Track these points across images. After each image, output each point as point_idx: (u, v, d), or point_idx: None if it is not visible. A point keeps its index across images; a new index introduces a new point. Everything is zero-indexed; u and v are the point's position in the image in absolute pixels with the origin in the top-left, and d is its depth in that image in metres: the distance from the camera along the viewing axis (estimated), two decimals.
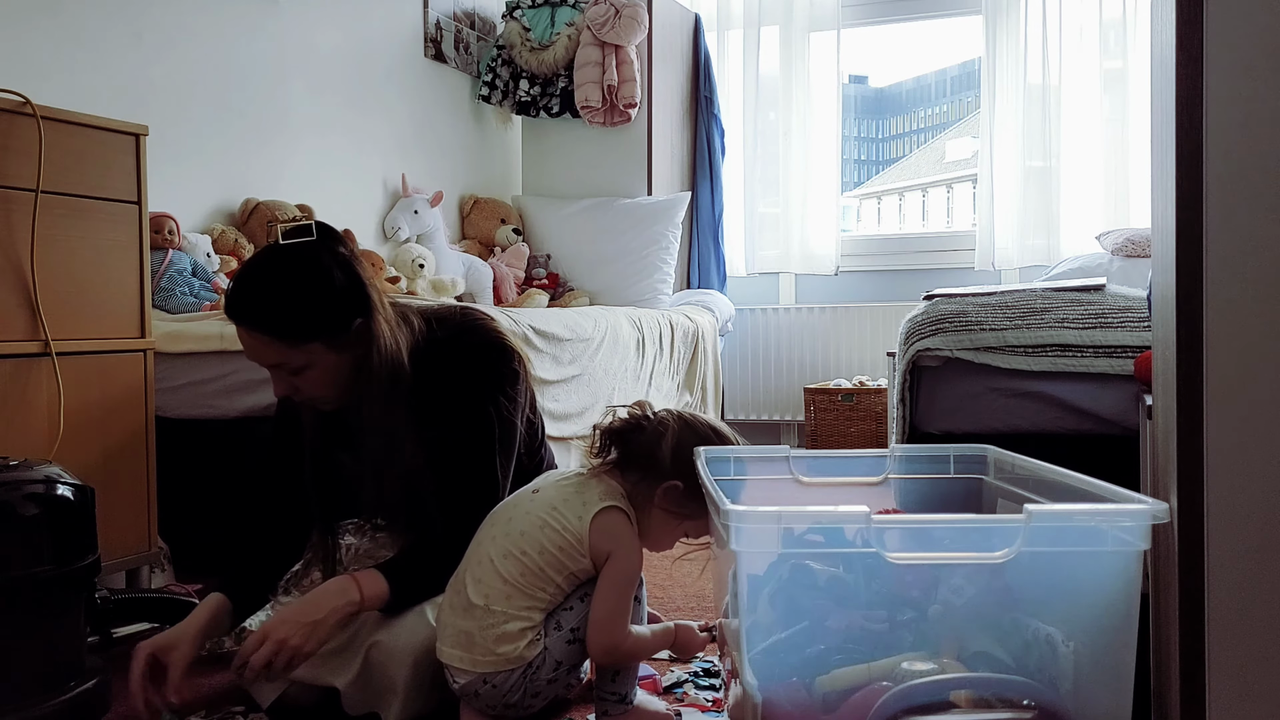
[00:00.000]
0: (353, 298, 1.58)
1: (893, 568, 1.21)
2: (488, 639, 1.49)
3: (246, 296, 1.56)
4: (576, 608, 1.53)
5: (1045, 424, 2.18)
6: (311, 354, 1.57)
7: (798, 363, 4.60)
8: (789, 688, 1.25)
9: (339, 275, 1.57)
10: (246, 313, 1.55)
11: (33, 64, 2.52)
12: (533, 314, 3.00)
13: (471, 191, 4.33)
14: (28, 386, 2.00)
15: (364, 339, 1.60)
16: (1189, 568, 1.08)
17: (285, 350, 1.56)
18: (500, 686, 1.50)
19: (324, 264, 1.56)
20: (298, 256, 1.56)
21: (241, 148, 3.19)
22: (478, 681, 1.50)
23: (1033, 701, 1.21)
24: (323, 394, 1.63)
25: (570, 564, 1.52)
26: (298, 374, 1.59)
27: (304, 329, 1.56)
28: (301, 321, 1.56)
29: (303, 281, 1.55)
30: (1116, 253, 3.59)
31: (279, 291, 1.55)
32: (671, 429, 1.58)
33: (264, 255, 1.60)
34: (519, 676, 1.50)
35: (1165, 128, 1.12)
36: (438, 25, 4.10)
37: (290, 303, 1.55)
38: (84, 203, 2.10)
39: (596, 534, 1.52)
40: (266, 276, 1.56)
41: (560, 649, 1.52)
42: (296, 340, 1.56)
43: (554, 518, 1.53)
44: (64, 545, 1.51)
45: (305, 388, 1.61)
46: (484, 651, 1.49)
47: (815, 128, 4.57)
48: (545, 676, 1.52)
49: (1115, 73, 4.17)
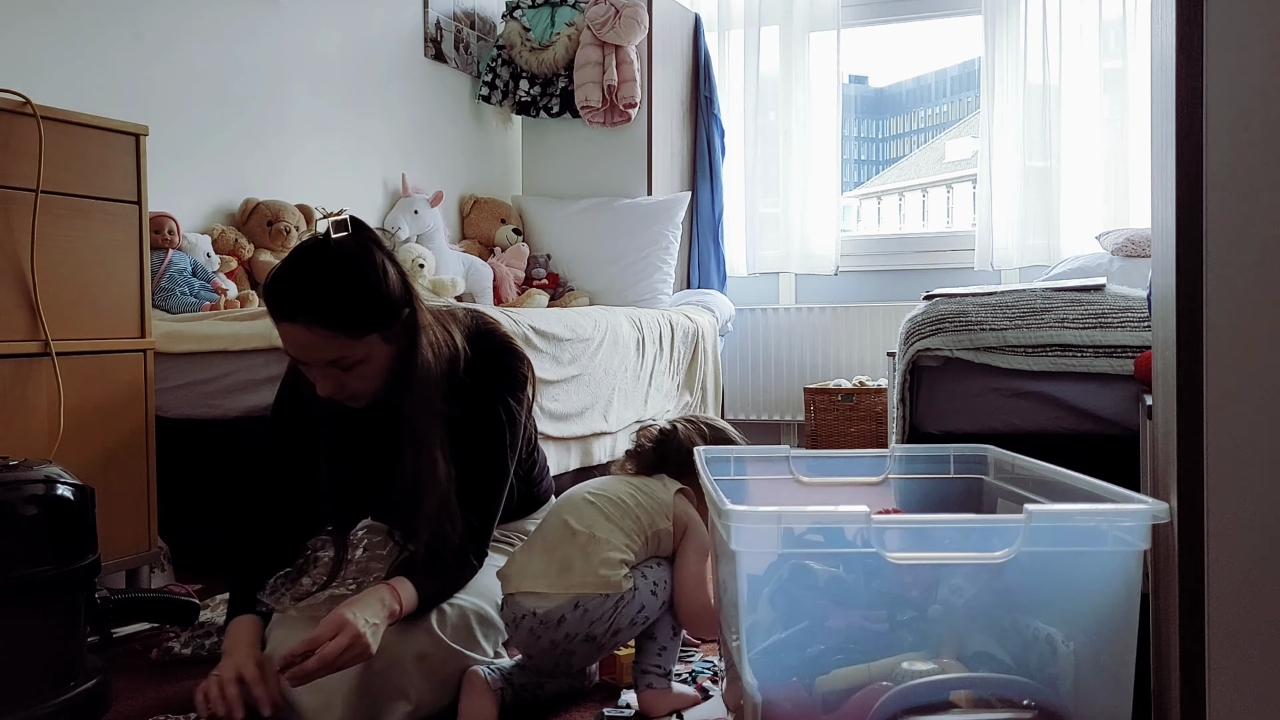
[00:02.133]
0: (402, 288, 1.59)
1: (893, 568, 1.21)
2: (592, 561, 1.56)
3: (304, 292, 1.52)
4: (656, 567, 1.63)
5: (1045, 424, 2.18)
6: (369, 347, 1.55)
7: (798, 363, 4.60)
8: (789, 688, 1.25)
9: (390, 267, 1.57)
10: (305, 308, 1.51)
11: (33, 64, 2.52)
12: (533, 314, 3.00)
13: (471, 191, 4.33)
14: (28, 386, 2.00)
15: (410, 330, 1.60)
16: (1189, 568, 1.08)
17: (345, 344, 1.53)
18: (591, 612, 1.55)
19: (374, 256, 1.56)
20: (348, 250, 1.54)
21: (241, 148, 3.19)
22: (567, 606, 1.54)
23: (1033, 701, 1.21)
24: (369, 388, 1.61)
25: (656, 522, 1.64)
26: (351, 369, 1.56)
27: (364, 321, 1.53)
28: (362, 314, 1.53)
29: (360, 273, 1.54)
30: (1116, 253, 3.59)
31: (339, 283, 1.52)
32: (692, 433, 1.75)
33: (312, 250, 1.55)
34: (610, 606, 1.55)
35: (1165, 128, 1.12)
36: (438, 25, 4.10)
37: (352, 295, 1.53)
38: (84, 203, 2.10)
39: (679, 505, 1.67)
40: (324, 271, 1.53)
41: (646, 595, 1.59)
42: (358, 333, 1.53)
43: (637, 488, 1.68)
44: (64, 545, 1.51)
45: (353, 383, 1.58)
46: (586, 573, 1.56)
47: (815, 128, 4.57)
48: (628, 617, 1.57)
49: (1115, 73, 4.17)
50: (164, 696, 1.73)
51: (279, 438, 1.76)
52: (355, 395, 1.61)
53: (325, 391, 1.58)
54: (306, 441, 1.71)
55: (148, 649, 1.97)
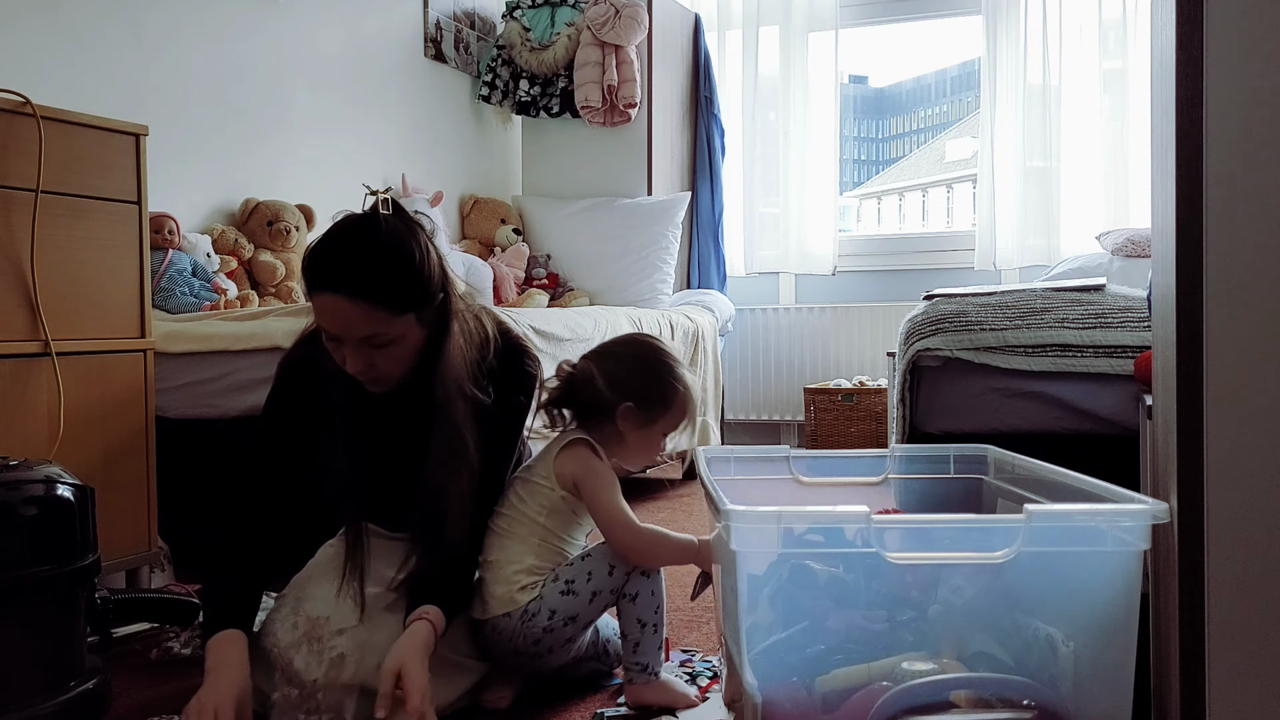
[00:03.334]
0: (440, 272, 1.59)
1: (893, 568, 1.21)
2: (493, 587, 1.64)
3: (348, 262, 1.50)
4: (577, 565, 1.65)
5: (1045, 424, 2.18)
6: (405, 326, 1.54)
7: (798, 363, 4.60)
8: (789, 688, 1.25)
9: (431, 249, 1.57)
10: (348, 280, 1.49)
11: (33, 64, 2.52)
12: (533, 314, 3.00)
13: (471, 191, 4.33)
14: (28, 386, 2.00)
15: (444, 315, 1.60)
16: (1189, 568, 1.08)
17: (383, 320, 1.51)
18: (502, 632, 1.62)
19: (418, 236, 1.56)
20: (394, 227, 1.54)
21: (241, 148, 3.19)
22: (489, 630, 1.64)
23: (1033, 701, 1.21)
24: (397, 370, 1.59)
25: (544, 499, 1.66)
26: (384, 347, 1.54)
27: (404, 299, 1.53)
28: (402, 291, 1.52)
29: (405, 250, 1.53)
30: (1116, 253, 3.59)
31: (385, 258, 1.51)
32: (594, 368, 1.70)
33: (358, 225, 1.54)
34: (516, 621, 1.62)
35: (1165, 128, 1.12)
36: (438, 25, 4.10)
37: (394, 272, 1.52)
38: (84, 203, 2.10)
39: (561, 466, 1.67)
40: (370, 243, 1.52)
41: (555, 598, 1.62)
42: (397, 310, 1.52)
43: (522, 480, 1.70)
44: (64, 545, 1.51)
45: (383, 363, 1.56)
46: (489, 598, 1.64)
47: (814, 128, 4.58)
48: (541, 624, 1.61)
49: (1115, 73, 4.17)
50: (164, 696, 1.72)
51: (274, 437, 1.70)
52: (381, 377, 1.59)
53: (355, 369, 1.56)
54: (304, 440, 1.67)
55: (148, 649, 1.97)
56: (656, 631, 1.65)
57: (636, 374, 1.70)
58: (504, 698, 1.66)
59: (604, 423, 1.69)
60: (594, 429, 1.70)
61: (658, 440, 1.74)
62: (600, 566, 1.63)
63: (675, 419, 1.73)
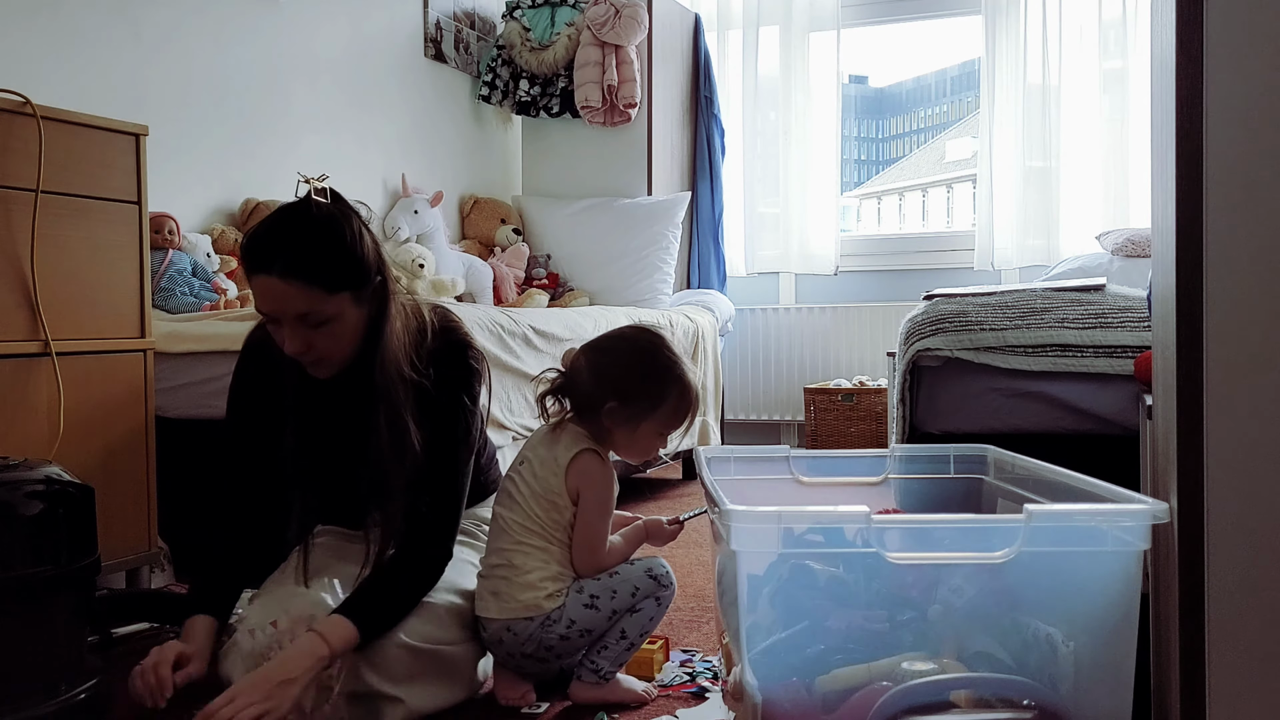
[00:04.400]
0: (375, 255, 1.62)
1: (893, 568, 1.21)
2: (514, 588, 1.63)
3: (281, 243, 1.55)
4: (604, 580, 1.66)
5: (1045, 424, 2.18)
6: (340, 304, 1.57)
7: (798, 363, 4.60)
8: (789, 688, 1.25)
9: (365, 233, 1.61)
10: (281, 259, 1.53)
11: (33, 64, 2.52)
12: (533, 314, 2.99)
13: (471, 191, 4.33)
14: (28, 386, 2.00)
15: (381, 298, 1.63)
16: (1189, 568, 1.08)
17: (317, 298, 1.55)
18: (520, 634, 1.63)
19: (351, 220, 1.60)
20: (326, 210, 1.58)
21: (241, 148, 3.19)
22: (500, 629, 1.63)
23: (1033, 701, 1.21)
24: (337, 351, 1.62)
25: (562, 515, 1.66)
26: (319, 327, 1.57)
27: (337, 277, 1.56)
28: (335, 269, 1.56)
29: (337, 230, 1.57)
30: (1116, 253, 3.59)
31: (316, 238, 1.56)
32: (581, 363, 1.68)
33: (291, 209, 1.60)
34: (536, 626, 1.62)
35: (1165, 128, 1.12)
36: (438, 25, 4.10)
37: (327, 249, 1.56)
38: (84, 203, 2.10)
39: (570, 481, 1.65)
40: (302, 225, 1.57)
41: (577, 610, 1.64)
42: (331, 287, 1.55)
43: (539, 483, 1.67)
44: (64, 545, 1.51)
45: (321, 342, 1.59)
46: (510, 599, 1.63)
47: (815, 128, 4.58)
48: (559, 632, 1.63)
49: (1115, 73, 4.17)
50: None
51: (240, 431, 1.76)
52: (321, 360, 1.62)
53: (293, 350, 1.59)
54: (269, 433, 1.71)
55: (147, 649, 1.96)
56: (629, 649, 1.68)
57: (625, 371, 1.67)
58: (527, 696, 1.67)
59: (595, 419, 1.68)
60: (588, 424, 1.69)
61: (651, 439, 1.70)
62: (625, 587, 1.65)
63: (669, 418, 1.68)
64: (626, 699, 1.66)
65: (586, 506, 1.65)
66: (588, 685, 1.66)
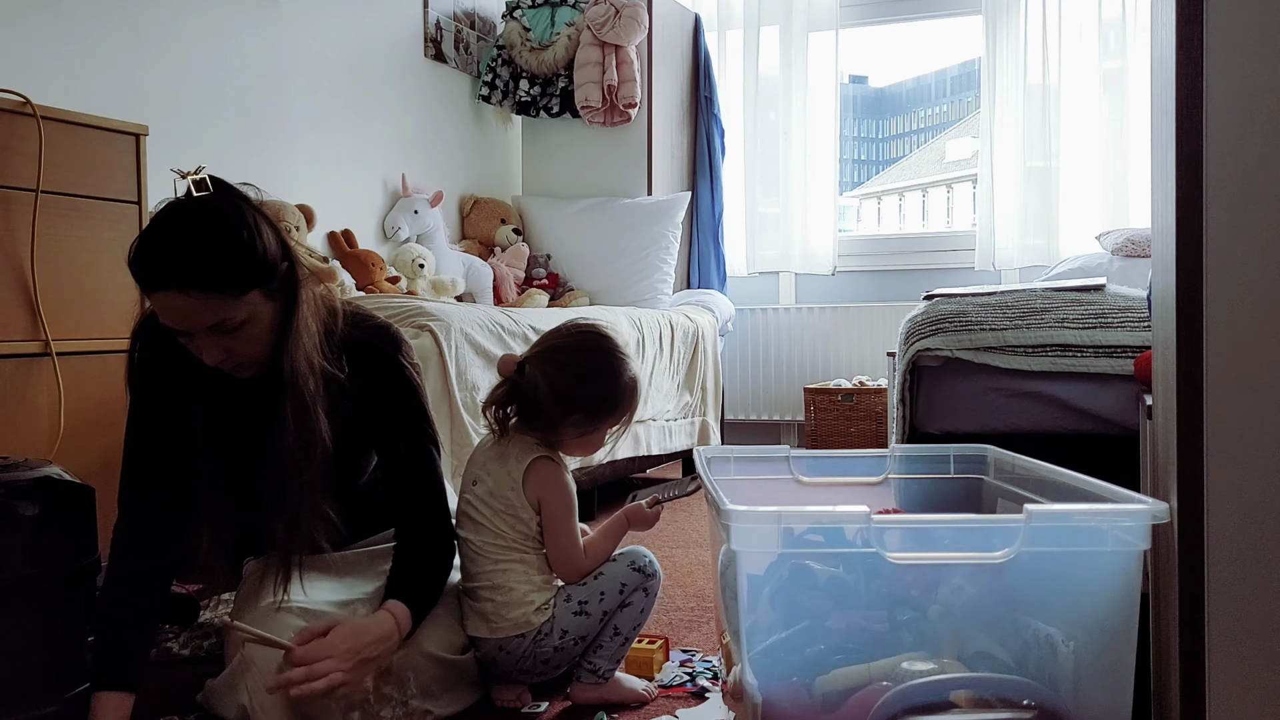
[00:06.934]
0: (277, 242, 1.50)
1: (893, 568, 1.21)
2: (500, 609, 1.63)
3: (173, 257, 1.40)
4: (590, 584, 1.67)
5: (1045, 424, 2.18)
6: (251, 305, 1.45)
7: (798, 363, 4.60)
8: (789, 688, 1.25)
9: (262, 221, 1.48)
10: (177, 274, 1.39)
11: (33, 64, 2.52)
12: (533, 314, 2.99)
13: (471, 191, 4.33)
14: (28, 386, 2.00)
15: (291, 285, 1.52)
16: (1189, 568, 1.08)
17: (226, 305, 1.42)
18: (514, 652, 1.63)
19: (243, 212, 1.46)
20: (214, 206, 1.44)
21: (241, 148, 3.19)
22: (494, 648, 1.64)
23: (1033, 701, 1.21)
24: (257, 351, 1.51)
25: (528, 526, 1.65)
26: (233, 332, 1.45)
27: (242, 278, 1.43)
28: (239, 270, 1.43)
29: (231, 227, 1.43)
30: (1116, 253, 3.59)
31: (210, 241, 1.41)
32: (539, 378, 1.64)
33: (174, 213, 1.44)
34: (529, 642, 1.63)
35: (1165, 128, 1.12)
36: (438, 25, 4.10)
37: (224, 252, 1.41)
38: (84, 203, 2.10)
39: (530, 491, 1.65)
40: (191, 231, 1.41)
41: (567, 619, 1.64)
42: (237, 291, 1.43)
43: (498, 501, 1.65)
44: (64, 545, 1.51)
45: (240, 347, 1.48)
46: (498, 620, 1.63)
47: (814, 128, 4.58)
48: (552, 644, 1.64)
49: (1115, 73, 4.17)
50: (163, 696, 1.72)
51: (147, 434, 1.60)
52: (243, 363, 1.51)
53: (212, 360, 1.47)
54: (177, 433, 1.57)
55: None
56: (625, 644, 1.68)
57: (587, 383, 1.65)
58: (523, 697, 1.68)
59: (547, 427, 1.66)
60: (536, 431, 1.67)
61: (602, 437, 1.72)
62: (612, 586, 1.66)
63: (625, 418, 1.72)
64: (627, 698, 1.67)
65: (553, 513, 1.65)
66: (588, 686, 1.66)
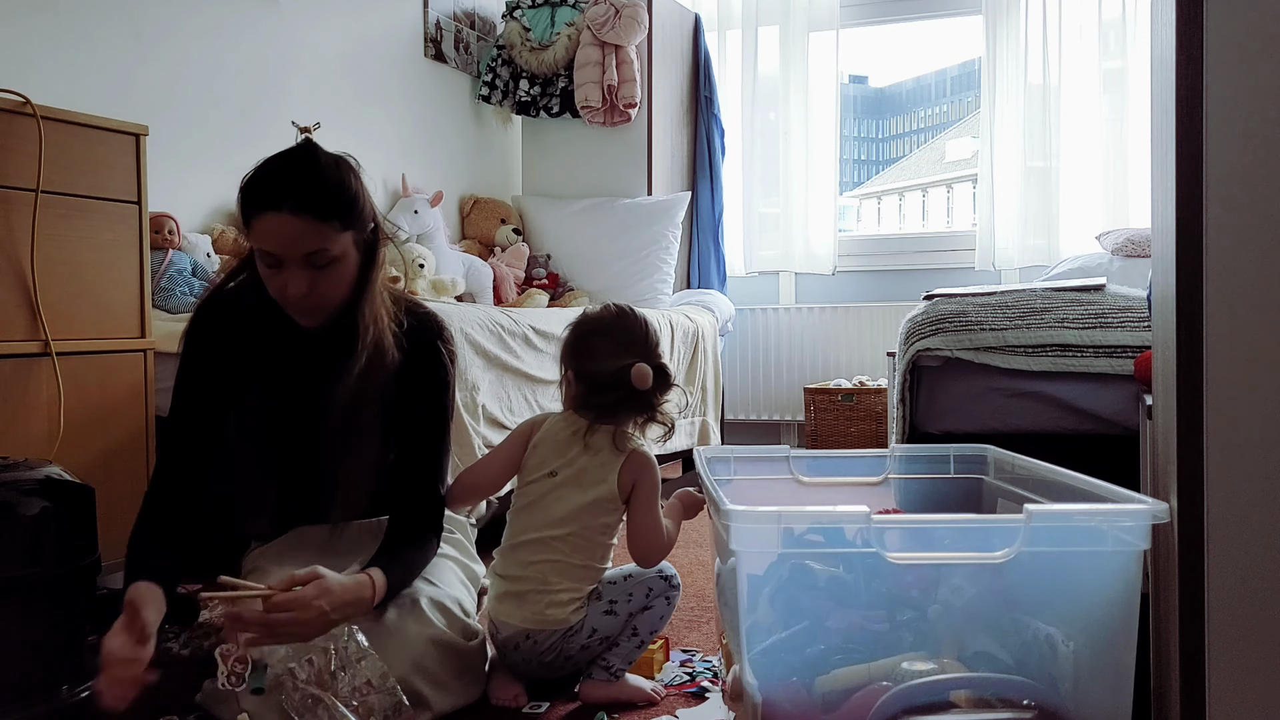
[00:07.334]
0: (370, 202, 1.65)
1: (893, 568, 1.21)
2: (540, 604, 1.64)
3: (292, 179, 1.56)
4: (620, 585, 1.68)
5: (1045, 424, 2.18)
6: (345, 244, 1.58)
7: (798, 363, 4.60)
8: (789, 688, 1.25)
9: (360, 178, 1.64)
10: (293, 195, 1.54)
11: (33, 64, 2.52)
12: (533, 314, 2.99)
13: (471, 191, 4.33)
14: (28, 386, 2.00)
15: (374, 244, 1.65)
16: (1189, 568, 1.08)
17: (326, 235, 1.55)
18: (540, 643, 1.64)
19: (350, 163, 1.65)
20: (327, 152, 1.62)
21: (242, 147, 3.19)
22: (519, 635, 1.64)
23: (1033, 701, 1.21)
24: (336, 295, 1.61)
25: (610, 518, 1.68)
26: (323, 268, 1.57)
27: (347, 214, 1.57)
28: (345, 206, 1.57)
29: (342, 170, 1.61)
30: (1116, 253, 3.59)
31: (327, 174, 1.58)
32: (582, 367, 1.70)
33: (295, 150, 1.62)
34: (558, 637, 1.64)
35: (1165, 128, 1.12)
36: (438, 25, 4.10)
37: (336, 185, 1.58)
38: (84, 203, 2.10)
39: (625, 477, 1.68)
40: (311, 162, 1.59)
41: (598, 618, 1.66)
42: (341, 224, 1.56)
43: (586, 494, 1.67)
44: (64, 545, 1.51)
45: (324, 286, 1.59)
46: (534, 612, 1.64)
47: (814, 128, 4.58)
48: (580, 642, 1.65)
49: (1115, 73, 4.17)
50: (162, 696, 1.72)
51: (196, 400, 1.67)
52: (319, 305, 1.61)
53: (296, 291, 1.56)
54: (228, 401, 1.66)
55: None
56: (640, 647, 1.69)
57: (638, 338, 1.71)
58: (519, 698, 1.68)
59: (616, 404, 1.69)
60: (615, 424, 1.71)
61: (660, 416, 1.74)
62: (640, 589, 1.68)
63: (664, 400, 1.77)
64: (636, 697, 1.67)
65: (643, 497, 1.68)
66: (599, 683, 1.67)
